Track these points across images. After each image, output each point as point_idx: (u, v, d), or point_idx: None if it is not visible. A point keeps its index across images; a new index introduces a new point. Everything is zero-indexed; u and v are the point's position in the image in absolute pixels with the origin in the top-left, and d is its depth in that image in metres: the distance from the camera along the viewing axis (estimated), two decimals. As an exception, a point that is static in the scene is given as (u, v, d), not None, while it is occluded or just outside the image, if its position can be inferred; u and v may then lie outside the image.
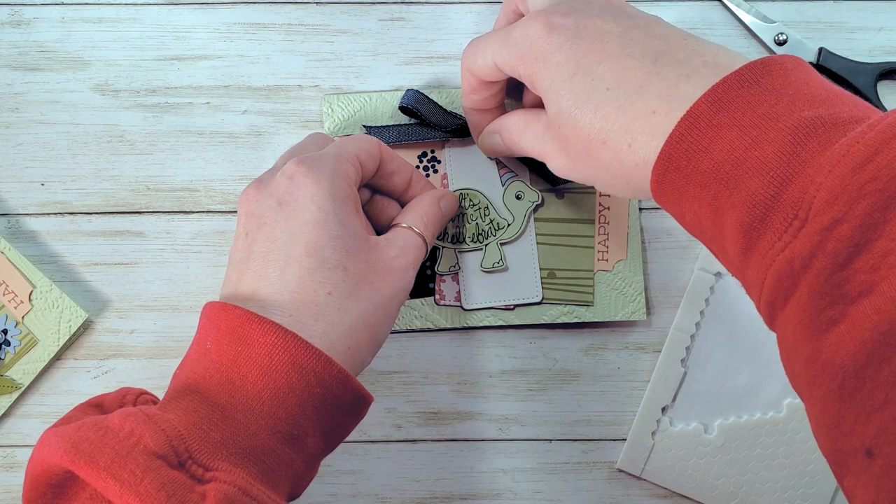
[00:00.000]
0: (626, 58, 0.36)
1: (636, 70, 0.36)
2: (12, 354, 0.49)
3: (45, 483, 0.34)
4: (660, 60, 0.36)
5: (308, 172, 0.40)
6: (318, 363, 0.37)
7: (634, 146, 0.36)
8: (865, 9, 0.53)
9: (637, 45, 0.37)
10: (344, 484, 0.51)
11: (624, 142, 0.36)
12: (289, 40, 0.52)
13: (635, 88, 0.36)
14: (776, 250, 0.31)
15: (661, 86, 0.35)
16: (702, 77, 0.34)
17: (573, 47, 0.37)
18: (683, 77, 0.35)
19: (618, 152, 0.36)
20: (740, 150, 0.32)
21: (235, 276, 0.40)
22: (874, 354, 0.28)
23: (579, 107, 0.37)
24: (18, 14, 0.52)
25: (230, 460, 0.34)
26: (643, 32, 0.37)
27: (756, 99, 0.33)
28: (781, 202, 0.31)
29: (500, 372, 0.51)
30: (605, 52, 0.37)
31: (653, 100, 0.35)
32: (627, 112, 0.36)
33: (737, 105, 0.33)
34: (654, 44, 0.37)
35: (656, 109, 0.35)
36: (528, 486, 0.51)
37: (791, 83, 0.33)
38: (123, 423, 0.34)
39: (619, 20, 0.38)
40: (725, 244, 0.34)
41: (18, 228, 0.51)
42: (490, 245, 0.50)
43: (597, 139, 0.37)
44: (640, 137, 0.35)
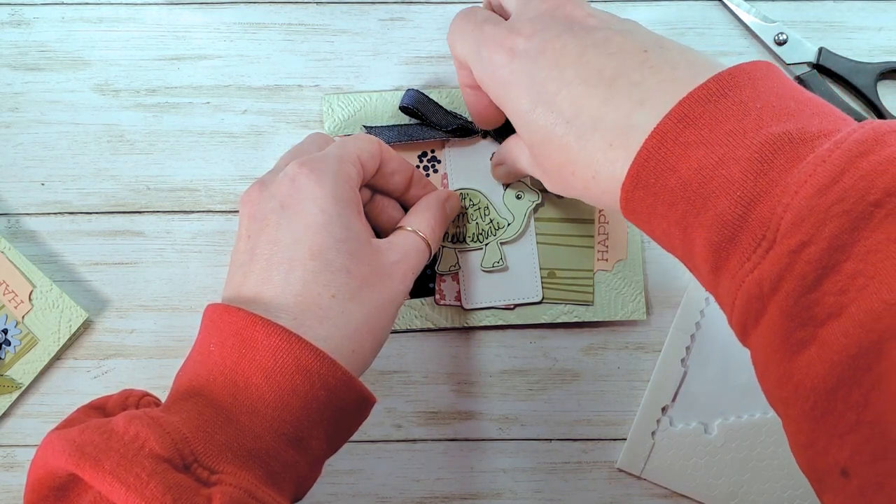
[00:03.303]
0: (582, 84, 0.36)
1: (591, 99, 0.36)
2: (12, 354, 0.49)
3: (48, 486, 0.34)
4: (614, 84, 0.35)
5: (310, 174, 0.40)
6: (323, 366, 0.37)
7: (598, 178, 0.36)
8: (865, 9, 0.53)
9: (592, 69, 0.36)
10: (344, 484, 0.51)
11: (588, 174, 0.36)
12: (289, 40, 0.52)
13: (592, 120, 0.35)
14: (745, 271, 0.31)
15: (616, 116, 0.35)
16: (657, 102, 0.34)
17: (532, 77, 0.38)
18: (637, 104, 0.34)
19: (586, 182, 0.37)
20: (708, 168, 0.32)
21: (238, 278, 0.40)
22: (844, 377, 0.28)
23: (544, 142, 0.38)
24: (18, 14, 0.52)
25: (235, 463, 0.34)
26: (599, 51, 0.36)
27: (723, 114, 0.32)
28: (749, 223, 0.31)
29: (500, 372, 0.51)
30: (563, 79, 0.37)
31: (608, 132, 0.35)
32: (586, 145, 0.36)
33: (703, 121, 0.32)
34: (609, 65, 0.36)
35: (612, 142, 0.35)
36: (528, 486, 0.51)
37: (760, 94, 0.33)
38: (128, 426, 0.34)
39: (577, 37, 0.37)
40: (696, 261, 0.34)
41: (18, 228, 0.51)
42: (490, 245, 0.50)
43: (566, 170, 0.37)
44: (601, 169, 0.35)
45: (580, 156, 0.36)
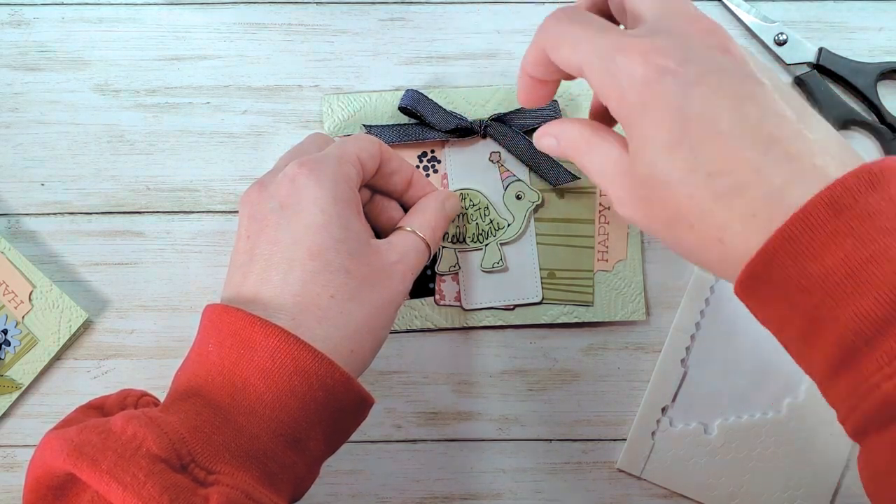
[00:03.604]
0: (737, 140, 0.33)
1: (744, 161, 0.32)
2: (12, 354, 0.49)
3: (46, 485, 0.34)
4: (770, 152, 0.32)
5: (310, 175, 0.40)
6: (322, 367, 0.37)
7: (726, 242, 0.33)
8: (865, 9, 0.53)
9: (748, 127, 0.33)
10: (344, 484, 0.51)
11: (714, 235, 0.33)
12: (289, 40, 0.52)
13: (738, 184, 0.32)
14: (882, 375, 0.30)
15: (768, 188, 0.32)
16: (811, 182, 0.32)
17: (681, 111, 0.33)
18: (791, 181, 0.32)
19: (704, 241, 0.34)
20: (856, 263, 0.30)
21: (237, 278, 0.40)
22: None
23: (673, 184, 0.34)
24: (18, 14, 0.52)
25: (232, 463, 0.34)
26: (757, 107, 0.33)
27: (875, 208, 0.31)
28: (895, 327, 0.29)
29: (500, 372, 0.51)
30: (717, 126, 0.33)
31: (754, 202, 0.32)
32: (725, 207, 0.33)
33: (855, 213, 0.31)
34: (766, 126, 0.33)
35: (757, 213, 0.32)
36: (528, 486, 0.51)
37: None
38: (126, 425, 0.34)
39: (736, 82, 0.34)
40: (813, 354, 0.32)
41: (18, 228, 0.51)
42: (490, 245, 0.50)
43: (684, 222, 0.34)
44: (733, 238, 0.33)
45: (712, 215, 0.33)
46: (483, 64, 0.52)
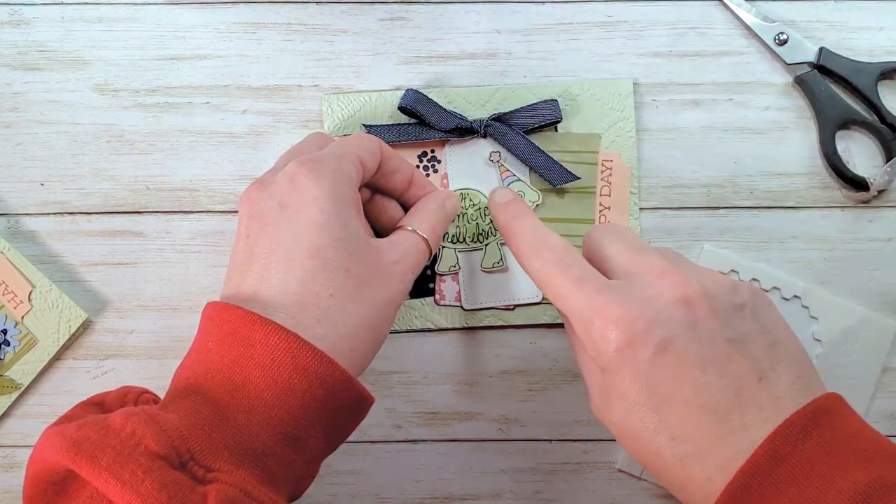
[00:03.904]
0: (697, 410, 0.36)
1: (703, 429, 0.36)
2: (12, 354, 0.49)
3: (46, 481, 0.34)
4: (727, 421, 0.36)
5: (310, 174, 0.40)
6: (321, 365, 0.37)
7: (687, 493, 0.37)
8: (866, 8, 0.53)
9: (710, 395, 0.36)
10: (344, 484, 0.51)
11: (678, 485, 0.37)
12: (289, 40, 0.52)
13: (698, 451, 0.36)
14: None
15: (722, 457, 0.35)
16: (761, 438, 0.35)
17: (648, 378, 0.36)
18: (744, 449, 0.35)
19: (671, 489, 0.38)
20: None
21: (237, 277, 0.40)
22: None
23: (641, 439, 0.37)
24: (18, 14, 0.52)
25: (231, 461, 0.34)
26: (718, 371, 0.36)
27: (811, 454, 0.34)
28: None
29: (500, 372, 0.51)
30: (680, 395, 0.36)
31: (711, 468, 0.35)
32: (685, 470, 0.36)
33: (794, 460, 0.34)
34: (725, 394, 0.36)
35: (712, 478, 0.35)
36: (528, 487, 0.51)
37: (840, 435, 0.35)
38: (125, 422, 0.33)
39: (699, 347, 0.36)
40: None
41: (18, 228, 0.51)
42: (490, 245, 0.50)
43: (653, 469, 0.38)
44: (693, 494, 0.36)
45: (674, 472, 0.37)
46: (483, 64, 0.52)
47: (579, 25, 0.52)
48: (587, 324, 0.38)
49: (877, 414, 0.51)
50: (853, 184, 0.50)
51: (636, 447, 0.38)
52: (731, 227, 0.51)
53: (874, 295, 0.51)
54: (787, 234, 0.51)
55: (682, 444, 0.36)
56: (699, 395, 0.36)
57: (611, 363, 0.37)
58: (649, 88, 0.52)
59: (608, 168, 0.51)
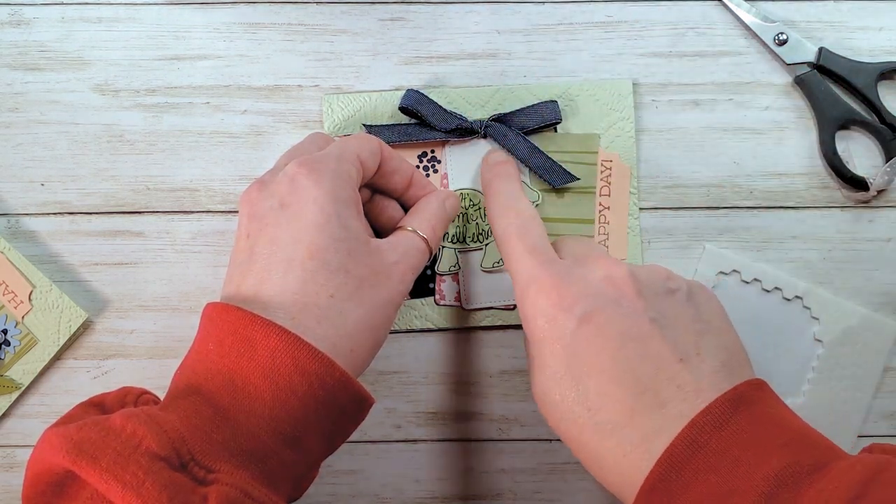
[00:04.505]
0: (612, 383, 0.37)
1: (617, 403, 0.37)
2: (12, 354, 0.49)
3: (46, 482, 0.34)
4: (641, 399, 0.36)
5: (310, 174, 0.40)
6: (321, 366, 0.37)
7: (604, 476, 0.37)
8: (865, 8, 0.53)
9: (626, 369, 0.37)
10: (344, 484, 0.51)
11: (596, 465, 0.38)
12: (289, 40, 0.52)
13: (612, 425, 0.37)
14: None
15: (635, 433, 0.36)
16: (674, 428, 0.35)
17: (569, 347, 0.38)
18: (657, 430, 0.36)
19: (587, 462, 0.38)
20: (718, 497, 0.34)
21: (237, 277, 0.40)
22: None
23: (561, 410, 0.38)
24: (18, 14, 0.52)
25: (232, 462, 0.34)
26: (638, 349, 0.37)
27: (729, 441, 0.35)
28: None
29: (500, 372, 0.51)
30: (598, 366, 0.37)
31: (626, 444, 0.36)
32: (602, 442, 0.37)
33: (711, 449, 0.34)
34: (643, 371, 0.37)
35: (628, 454, 0.36)
36: (528, 486, 0.51)
37: (759, 421, 0.35)
38: (125, 423, 0.33)
39: (621, 324, 0.38)
40: None
41: (18, 228, 0.51)
42: (490, 245, 0.50)
43: (573, 444, 0.39)
44: (610, 475, 0.37)
45: (591, 445, 0.37)
46: (483, 64, 0.52)
47: (579, 25, 0.52)
48: (525, 290, 0.40)
49: (877, 414, 0.51)
50: (853, 184, 0.51)
51: (556, 418, 0.39)
52: (730, 227, 0.51)
53: (874, 295, 0.51)
54: (787, 234, 0.51)
55: (598, 415, 0.37)
56: (616, 367, 0.37)
57: (538, 331, 0.39)
58: (649, 88, 0.52)
59: (608, 168, 0.51)
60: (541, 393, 0.39)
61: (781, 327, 0.50)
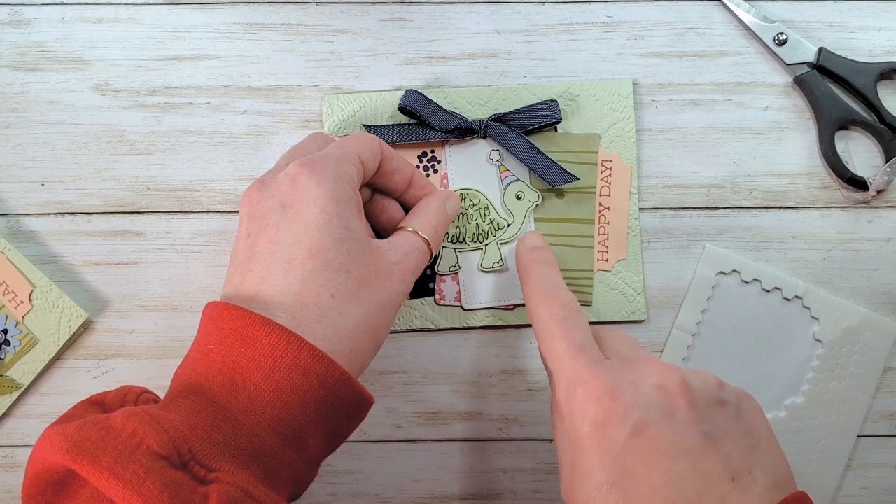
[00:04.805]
0: (663, 500, 0.35)
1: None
2: (12, 354, 0.49)
3: (46, 481, 0.34)
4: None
5: (311, 174, 0.40)
6: (322, 365, 0.37)
7: None
8: (865, 9, 0.53)
9: (678, 486, 0.35)
10: (344, 484, 0.51)
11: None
12: (289, 40, 0.52)
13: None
14: None
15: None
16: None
17: (619, 459, 0.36)
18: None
19: None
20: None
21: (237, 276, 0.40)
22: None
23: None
24: (18, 14, 0.52)
25: (232, 461, 0.34)
26: (690, 464, 0.36)
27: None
28: None
29: (500, 372, 0.51)
30: (648, 482, 0.35)
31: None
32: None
33: None
34: (695, 488, 0.35)
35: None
36: (528, 486, 0.51)
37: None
38: (126, 422, 0.33)
39: (674, 437, 0.36)
40: None
41: (18, 228, 0.51)
42: (490, 245, 0.50)
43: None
44: None
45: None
46: (483, 64, 0.52)
47: (579, 26, 0.52)
48: (570, 392, 0.38)
49: (877, 414, 0.51)
50: (852, 184, 0.51)
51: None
52: (730, 227, 0.51)
53: (874, 295, 0.51)
54: (787, 234, 0.51)
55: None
56: (668, 485, 0.35)
57: (584, 438, 0.37)
58: (649, 89, 0.52)
59: (608, 168, 0.51)
60: (580, 500, 0.37)
61: (781, 327, 0.50)
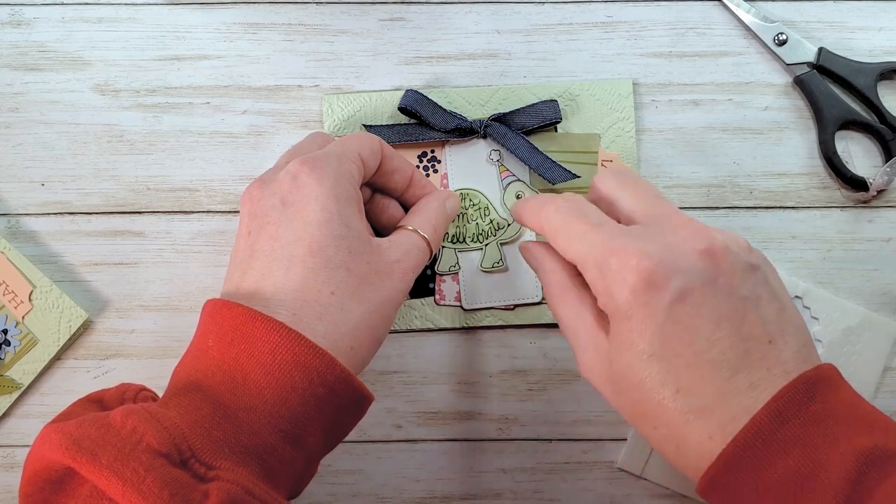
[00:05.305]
0: (707, 364, 0.35)
1: (710, 384, 0.35)
2: (12, 354, 0.49)
3: (44, 479, 0.34)
4: (735, 379, 0.35)
5: (311, 172, 0.40)
6: (322, 363, 0.37)
7: (682, 451, 0.36)
8: (865, 9, 0.53)
9: (721, 349, 0.35)
10: (344, 484, 0.51)
11: (673, 441, 0.36)
12: (289, 40, 0.52)
13: (702, 406, 0.35)
14: None
15: (726, 414, 0.35)
16: (762, 403, 0.35)
17: (661, 326, 0.36)
18: (746, 409, 0.35)
19: (662, 441, 0.37)
20: (806, 469, 0.33)
21: (238, 274, 0.40)
22: None
23: (645, 389, 0.36)
24: (18, 14, 0.52)
25: (232, 459, 0.34)
26: (733, 328, 0.36)
27: (816, 417, 0.34)
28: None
29: (500, 372, 0.51)
30: (692, 346, 0.35)
31: (713, 425, 0.35)
32: (688, 424, 0.36)
33: (798, 422, 0.34)
34: (737, 350, 0.36)
35: (713, 436, 0.35)
36: (528, 486, 0.51)
37: (841, 401, 0.35)
38: (126, 420, 0.33)
39: (715, 301, 0.36)
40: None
41: (18, 228, 0.51)
42: (490, 245, 0.50)
43: (650, 422, 0.37)
44: (688, 450, 0.36)
45: (675, 426, 0.36)
46: (483, 64, 0.52)
47: (579, 26, 0.52)
48: (602, 265, 0.37)
49: (876, 414, 0.51)
50: (852, 184, 0.51)
51: (635, 399, 0.37)
52: (730, 227, 0.51)
53: (874, 295, 0.51)
54: (787, 234, 0.51)
55: (688, 398, 0.35)
56: (711, 349, 0.35)
57: (623, 307, 0.36)
58: (649, 88, 0.52)
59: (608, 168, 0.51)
60: (622, 372, 0.37)
61: (781, 327, 0.50)
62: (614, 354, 0.37)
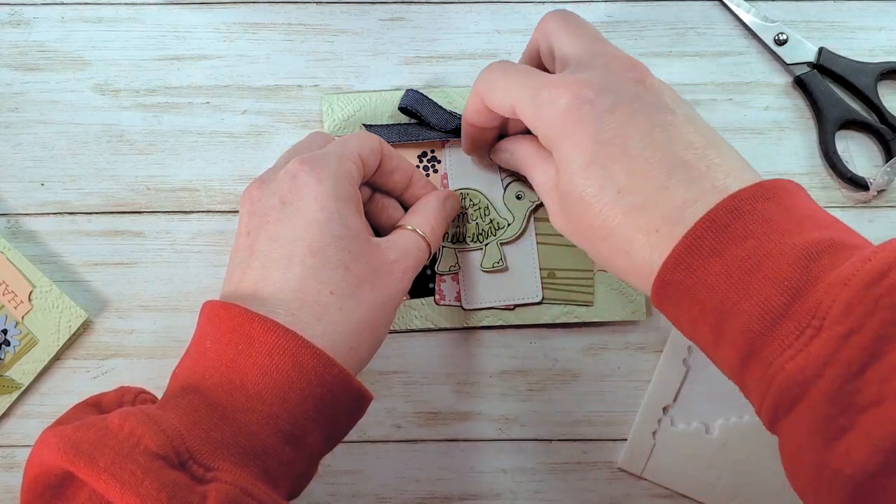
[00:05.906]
0: (645, 162, 0.36)
1: (650, 179, 0.36)
2: (12, 354, 0.49)
3: (44, 483, 0.34)
4: (674, 175, 0.36)
5: (311, 172, 0.40)
6: (320, 363, 0.37)
7: (632, 256, 0.37)
8: (865, 8, 0.53)
9: (656, 150, 0.37)
10: (344, 484, 0.51)
11: (622, 248, 0.37)
12: (289, 40, 0.52)
13: (644, 201, 0.36)
14: (786, 357, 0.32)
15: (669, 206, 0.36)
16: (710, 200, 0.35)
17: (598, 132, 0.37)
18: (692, 201, 0.35)
19: (614, 252, 0.38)
20: (755, 259, 0.34)
21: (237, 274, 0.40)
22: (887, 463, 0.29)
23: (587, 200, 0.37)
24: (18, 14, 0.52)
25: (231, 460, 0.34)
26: (666, 134, 0.37)
27: (770, 214, 0.34)
28: (794, 311, 0.32)
29: (500, 372, 0.51)
30: (627, 148, 0.37)
31: (657, 218, 0.36)
32: (631, 222, 0.36)
33: (752, 217, 0.34)
34: (673, 151, 0.37)
35: (659, 229, 0.36)
36: (528, 486, 0.51)
37: (798, 204, 0.35)
38: (123, 423, 0.33)
39: (648, 110, 0.38)
40: (723, 349, 0.35)
41: (18, 228, 0.51)
42: (490, 245, 0.50)
43: (598, 234, 0.38)
44: (639, 250, 0.36)
45: (621, 229, 0.37)
46: (483, 64, 0.51)
47: (579, 25, 0.52)
48: (536, 99, 0.39)
49: (877, 414, 0.51)
50: (853, 184, 0.51)
51: (581, 212, 0.38)
52: (730, 227, 0.51)
53: (874, 295, 0.51)
54: (787, 233, 0.51)
55: (629, 196, 0.36)
56: (647, 148, 0.37)
57: (559, 129, 0.38)
58: (649, 88, 0.52)
59: (608, 168, 0.51)
60: (565, 190, 0.38)
61: (781, 327, 0.50)
62: (560, 178, 0.39)
